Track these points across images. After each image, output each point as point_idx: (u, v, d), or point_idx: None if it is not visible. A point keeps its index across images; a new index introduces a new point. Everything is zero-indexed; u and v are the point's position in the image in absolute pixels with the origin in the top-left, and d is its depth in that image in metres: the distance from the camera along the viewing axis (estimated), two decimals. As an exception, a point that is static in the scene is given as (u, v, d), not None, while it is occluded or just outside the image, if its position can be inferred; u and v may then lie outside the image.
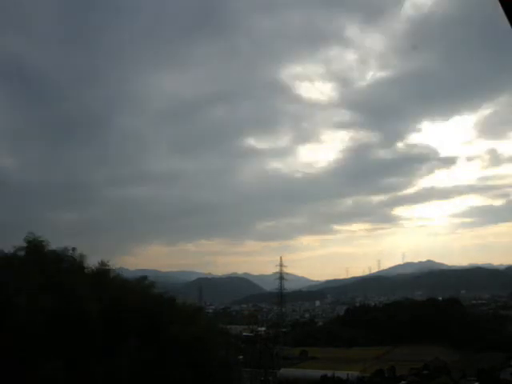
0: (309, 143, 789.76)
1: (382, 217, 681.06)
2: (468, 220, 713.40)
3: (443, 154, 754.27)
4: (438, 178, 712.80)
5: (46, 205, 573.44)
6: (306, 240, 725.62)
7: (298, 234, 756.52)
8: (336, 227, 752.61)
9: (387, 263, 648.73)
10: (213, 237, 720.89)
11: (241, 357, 68.00)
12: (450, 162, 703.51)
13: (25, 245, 29.43)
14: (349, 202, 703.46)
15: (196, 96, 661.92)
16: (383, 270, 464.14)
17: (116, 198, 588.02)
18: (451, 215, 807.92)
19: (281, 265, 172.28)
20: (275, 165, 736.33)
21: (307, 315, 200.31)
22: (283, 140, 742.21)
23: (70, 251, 31.72)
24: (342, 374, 69.66)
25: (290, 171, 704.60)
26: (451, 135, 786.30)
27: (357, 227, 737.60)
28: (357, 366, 77.48)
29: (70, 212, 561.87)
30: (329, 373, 68.76)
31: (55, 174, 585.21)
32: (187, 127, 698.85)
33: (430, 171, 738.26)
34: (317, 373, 70.26)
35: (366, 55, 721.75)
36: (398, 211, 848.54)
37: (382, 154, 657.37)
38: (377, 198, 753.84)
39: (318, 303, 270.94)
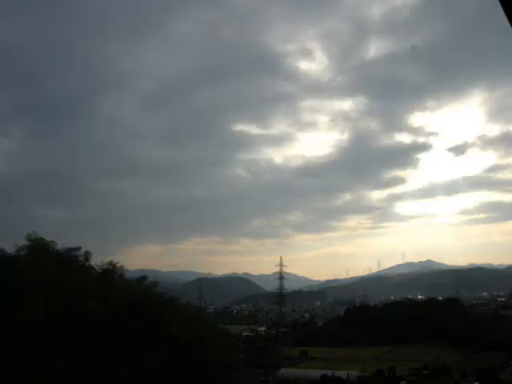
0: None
1: (382, 216, 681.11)
2: (469, 219, 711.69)
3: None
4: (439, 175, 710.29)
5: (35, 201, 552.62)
6: (304, 238, 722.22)
7: (296, 233, 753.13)
8: (335, 224, 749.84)
9: (387, 263, 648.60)
10: (208, 235, 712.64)
11: (241, 357, 67.93)
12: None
13: (26, 244, 29.32)
14: (348, 197, 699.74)
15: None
16: (383, 270, 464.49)
17: (105, 193, 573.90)
18: (451, 215, 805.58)
19: (281, 265, 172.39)
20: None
21: (307, 315, 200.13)
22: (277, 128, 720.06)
23: (74, 251, 31.69)
24: (342, 373, 69.60)
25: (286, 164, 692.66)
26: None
27: (357, 224, 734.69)
28: (357, 366, 77.38)
29: (61, 210, 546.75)
30: (329, 373, 68.72)
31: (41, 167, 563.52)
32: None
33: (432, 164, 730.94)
34: (317, 373, 70.19)
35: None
36: (399, 210, 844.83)
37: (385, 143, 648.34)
38: (377, 195, 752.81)
39: (318, 303, 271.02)
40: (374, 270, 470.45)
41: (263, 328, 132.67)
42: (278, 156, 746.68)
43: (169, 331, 31.09)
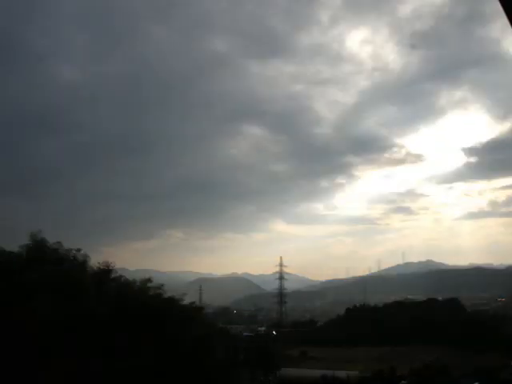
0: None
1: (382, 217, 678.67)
2: (468, 218, 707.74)
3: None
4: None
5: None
6: (302, 232, 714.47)
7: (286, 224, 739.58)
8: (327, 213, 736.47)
9: (387, 263, 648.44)
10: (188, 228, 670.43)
11: (241, 357, 67.95)
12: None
13: (28, 243, 29.19)
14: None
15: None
16: (383, 270, 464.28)
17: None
18: (452, 214, 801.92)
19: (281, 265, 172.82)
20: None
21: (307, 315, 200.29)
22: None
23: (74, 251, 31.66)
24: (341, 373, 69.66)
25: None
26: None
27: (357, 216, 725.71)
28: (357, 366, 77.51)
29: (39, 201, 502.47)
30: (329, 373, 68.77)
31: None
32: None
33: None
34: (317, 373, 70.27)
35: None
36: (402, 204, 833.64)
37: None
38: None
39: (318, 303, 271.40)
40: (374, 269, 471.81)
41: (263, 328, 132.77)
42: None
43: (169, 331, 31.12)
